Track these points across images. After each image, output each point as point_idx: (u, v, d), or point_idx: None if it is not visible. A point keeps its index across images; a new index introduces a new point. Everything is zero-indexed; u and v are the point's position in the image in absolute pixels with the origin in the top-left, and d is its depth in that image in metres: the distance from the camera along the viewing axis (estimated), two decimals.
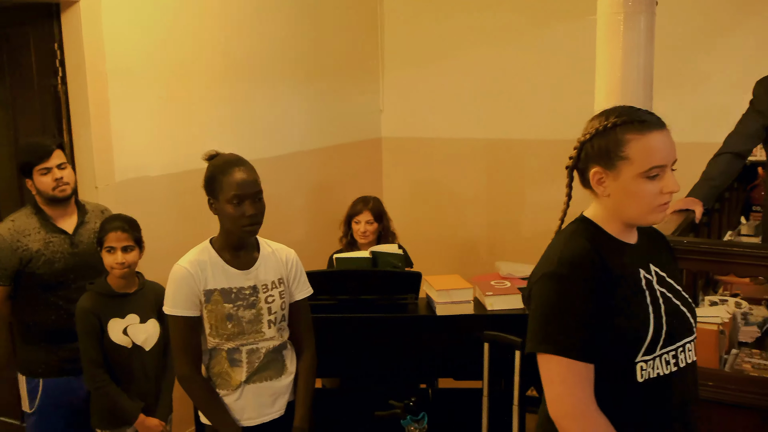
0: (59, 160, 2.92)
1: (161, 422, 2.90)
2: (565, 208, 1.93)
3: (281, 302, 2.47)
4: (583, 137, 1.80)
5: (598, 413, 1.68)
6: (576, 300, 1.68)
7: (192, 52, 3.91)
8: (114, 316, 2.83)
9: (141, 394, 2.88)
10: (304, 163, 4.80)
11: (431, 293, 3.31)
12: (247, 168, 2.38)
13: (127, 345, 2.84)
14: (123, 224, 2.82)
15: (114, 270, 2.81)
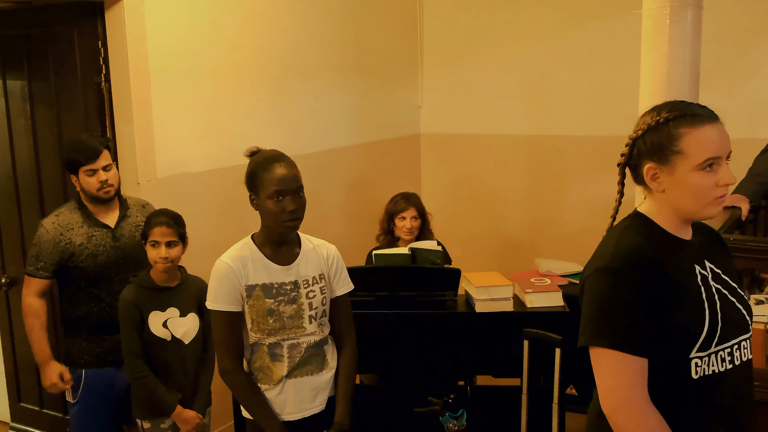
0: (105, 162, 2.97)
1: (198, 415, 2.94)
2: (617, 204, 1.93)
3: (322, 298, 2.48)
4: (634, 133, 1.79)
5: (650, 408, 1.67)
6: (629, 294, 1.67)
7: (234, 48, 3.94)
8: (155, 308, 2.88)
9: (179, 387, 2.92)
10: (343, 159, 4.80)
11: (470, 290, 3.30)
12: (288, 164, 2.39)
13: (167, 338, 2.88)
14: (168, 219, 2.86)
15: (157, 264, 2.85)
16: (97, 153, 2.93)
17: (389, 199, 4.02)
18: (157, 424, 2.93)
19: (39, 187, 3.79)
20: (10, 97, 3.79)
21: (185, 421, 2.91)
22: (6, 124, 3.83)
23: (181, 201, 3.44)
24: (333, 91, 4.69)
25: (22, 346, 4.11)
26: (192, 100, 3.74)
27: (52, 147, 3.69)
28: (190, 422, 2.92)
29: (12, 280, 4.00)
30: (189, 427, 2.92)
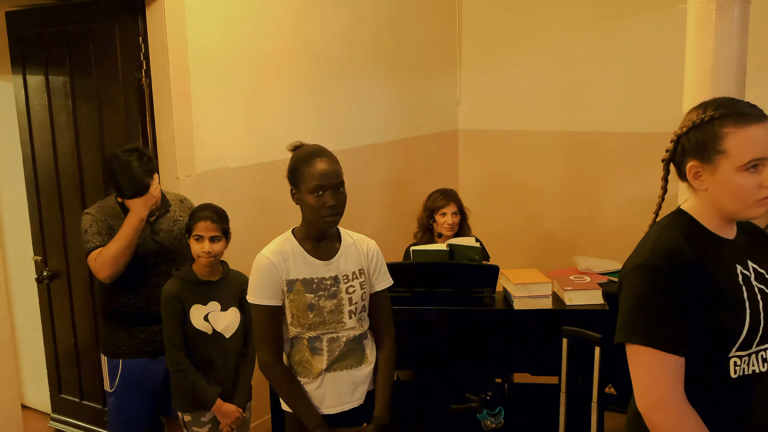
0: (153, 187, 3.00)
1: (238, 409, 2.95)
2: (660, 201, 1.91)
3: (362, 293, 2.48)
4: (679, 130, 1.77)
5: (686, 407, 1.65)
6: (667, 292, 1.65)
7: (273, 44, 3.96)
8: (196, 302, 2.89)
9: (219, 381, 2.93)
10: (381, 155, 4.81)
11: (509, 287, 3.28)
12: (329, 159, 2.39)
13: (208, 331, 2.90)
14: (213, 214, 2.88)
15: (200, 259, 2.87)
16: (145, 189, 2.96)
17: (426, 195, 4.01)
18: (198, 417, 2.95)
19: (80, 183, 3.84)
20: (53, 94, 3.84)
21: (225, 415, 2.92)
22: (48, 120, 3.88)
23: (219, 196, 3.46)
24: (371, 87, 4.69)
25: (63, 338, 4.18)
26: (231, 95, 3.77)
27: (93, 143, 3.73)
28: (230, 416, 2.93)
29: (54, 273, 4.07)
30: (229, 420, 2.93)
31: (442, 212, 3.83)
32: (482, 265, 3.46)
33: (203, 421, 2.96)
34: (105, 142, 3.69)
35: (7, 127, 4.12)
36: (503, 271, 3.33)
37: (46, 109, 3.88)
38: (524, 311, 3.20)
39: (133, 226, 2.91)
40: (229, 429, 2.95)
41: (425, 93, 5.20)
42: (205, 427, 2.96)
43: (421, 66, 5.13)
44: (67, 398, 4.27)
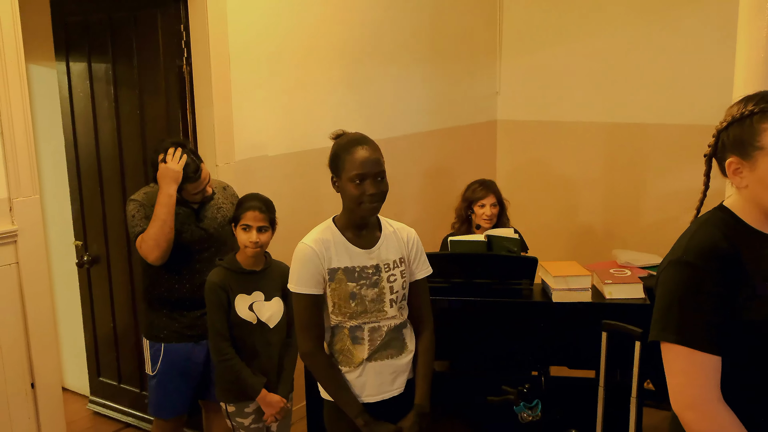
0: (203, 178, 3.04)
1: (283, 399, 2.95)
2: (701, 197, 1.88)
3: (402, 281, 2.47)
4: (720, 125, 1.73)
5: (721, 406, 1.62)
6: (702, 289, 1.63)
7: (313, 33, 3.96)
8: (241, 291, 2.89)
9: (263, 371, 2.93)
10: (419, 144, 4.79)
11: (547, 279, 3.25)
12: (371, 147, 2.38)
13: (252, 321, 2.90)
14: (261, 204, 2.88)
15: (247, 249, 2.87)
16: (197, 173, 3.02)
17: (464, 185, 3.98)
18: (242, 407, 2.95)
19: (121, 169, 3.88)
20: (95, 80, 3.88)
21: (270, 405, 2.92)
22: (90, 107, 3.93)
23: (258, 184, 3.48)
24: (411, 77, 4.68)
25: (103, 321, 4.24)
26: (271, 83, 3.77)
27: (134, 129, 3.77)
28: (275, 406, 2.93)
29: (94, 258, 4.12)
30: (273, 411, 2.93)
31: (481, 203, 3.80)
32: (521, 256, 3.43)
33: (247, 412, 2.96)
34: (146, 129, 3.72)
35: (50, 114, 4.17)
36: (542, 263, 3.30)
37: (88, 95, 3.92)
38: (563, 304, 3.17)
39: (163, 203, 2.92)
40: (273, 419, 2.95)
41: (465, 83, 5.16)
42: (249, 417, 2.96)
43: (461, 56, 5.10)
44: (106, 381, 4.33)
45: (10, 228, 2.95)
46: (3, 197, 2.93)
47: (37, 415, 3.13)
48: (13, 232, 2.96)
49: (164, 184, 2.95)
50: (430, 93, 4.84)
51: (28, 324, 3.06)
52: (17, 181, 2.94)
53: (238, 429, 2.98)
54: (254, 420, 2.97)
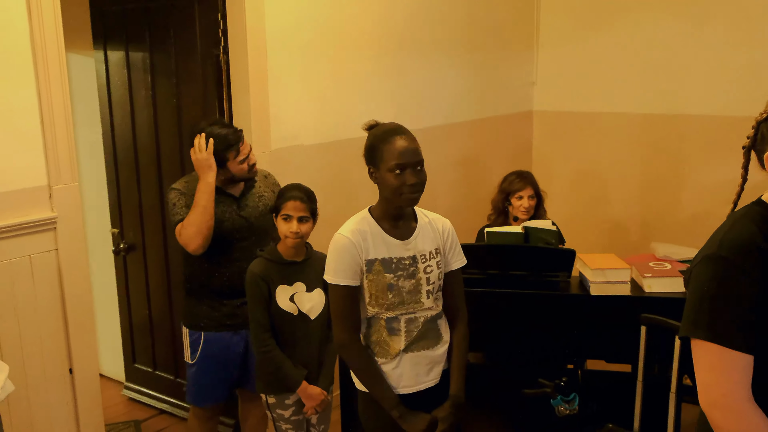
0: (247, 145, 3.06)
1: (323, 391, 2.92)
2: (739, 190, 1.81)
3: (438, 272, 2.45)
4: (760, 116, 1.68)
5: (750, 406, 1.58)
6: (734, 286, 1.58)
7: (349, 23, 3.95)
8: (282, 282, 2.87)
9: (304, 362, 2.90)
10: (454, 135, 4.76)
11: (585, 272, 3.21)
12: (409, 137, 2.36)
13: (293, 312, 2.87)
14: (302, 195, 2.86)
15: (287, 239, 2.85)
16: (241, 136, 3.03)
17: (499, 176, 3.95)
18: (282, 399, 2.93)
19: (157, 157, 3.90)
20: (132, 69, 3.91)
21: (310, 397, 2.90)
22: (128, 95, 3.95)
23: (293, 173, 3.48)
24: (446, 66, 4.65)
25: (138, 308, 4.28)
26: (307, 73, 3.77)
27: (170, 118, 3.79)
28: (315, 398, 2.90)
29: (130, 245, 4.16)
30: (314, 403, 2.91)
31: (518, 195, 3.76)
32: (558, 248, 3.39)
33: (287, 404, 2.94)
34: (182, 117, 3.74)
35: (87, 102, 4.20)
36: (580, 256, 3.27)
37: (125, 84, 3.95)
38: (601, 297, 3.13)
39: (202, 190, 2.93)
40: (313, 411, 2.93)
41: (501, 73, 5.12)
42: (289, 409, 2.95)
43: (497, 45, 5.05)
44: (141, 368, 4.37)
45: (50, 215, 2.98)
46: (43, 184, 2.96)
47: (75, 401, 3.17)
48: (53, 219, 2.99)
49: (201, 174, 2.97)
50: (465, 83, 4.80)
51: (66, 310, 3.09)
52: (57, 168, 2.97)
53: (278, 420, 2.97)
54: (294, 412, 2.95)
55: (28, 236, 2.93)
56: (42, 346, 3.03)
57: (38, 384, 3.03)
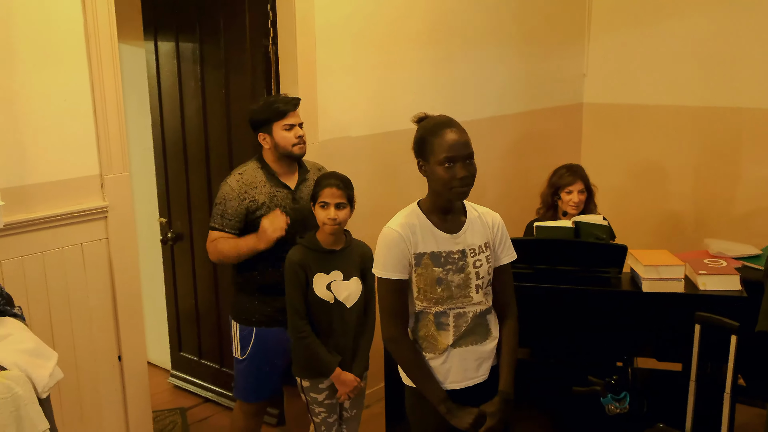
0: (300, 119, 3.03)
1: (356, 378, 2.95)
2: None
3: (488, 267, 2.42)
4: None
5: None
6: None
7: (398, 14, 3.93)
8: (319, 270, 2.89)
9: (339, 349, 2.93)
10: (502, 127, 4.71)
11: (637, 268, 3.14)
12: (459, 129, 2.33)
13: (330, 300, 2.90)
14: (338, 182, 2.87)
15: (325, 226, 2.86)
16: (295, 103, 3.00)
17: (547, 169, 3.89)
18: (316, 384, 2.97)
19: (206, 147, 3.92)
20: (182, 60, 3.93)
21: (343, 383, 2.93)
22: (177, 86, 3.98)
23: (340, 164, 3.46)
24: (495, 58, 4.60)
25: (185, 297, 4.31)
26: (356, 64, 3.76)
27: (219, 108, 3.80)
28: (348, 385, 2.93)
29: (177, 235, 4.19)
30: (347, 389, 2.94)
31: (568, 190, 3.69)
32: (610, 244, 3.33)
33: (321, 388, 2.97)
34: (231, 108, 3.75)
35: (138, 93, 4.24)
36: (632, 252, 3.20)
37: (175, 75, 3.97)
38: (653, 294, 3.06)
39: (249, 246, 2.97)
40: (346, 397, 2.96)
41: (550, 64, 5.05)
42: (323, 393, 2.98)
43: (547, 36, 4.98)
44: (187, 356, 4.41)
45: (101, 204, 3.01)
46: (95, 174, 2.99)
47: (123, 388, 3.21)
48: (104, 208, 3.02)
49: (258, 240, 2.96)
50: (515, 74, 4.75)
51: (116, 298, 3.13)
52: (108, 158, 3.00)
53: (312, 404, 3.01)
54: (328, 396, 2.98)
55: (80, 225, 2.97)
56: (92, 334, 3.07)
57: (88, 371, 3.07)
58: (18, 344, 2.32)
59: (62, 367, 2.38)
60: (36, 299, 2.85)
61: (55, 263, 2.91)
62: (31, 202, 2.81)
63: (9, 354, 2.27)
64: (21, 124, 2.74)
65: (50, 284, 2.90)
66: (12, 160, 2.74)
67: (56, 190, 2.87)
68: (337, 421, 3.04)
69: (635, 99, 5.10)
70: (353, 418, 3.08)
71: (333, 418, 3.02)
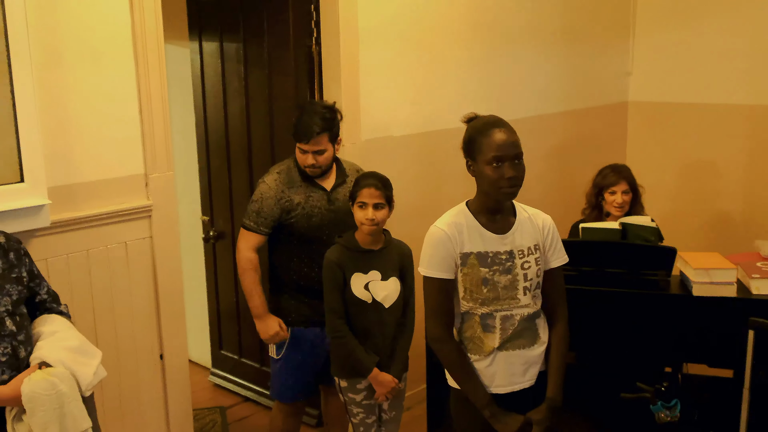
0: (317, 147, 2.97)
1: (394, 379, 2.92)
2: None
3: (537, 269, 2.38)
4: None
5: None
6: None
7: (441, 13, 3.91)
8: (357, 270, 2.88)
9: (377, 350, 2.92)
10: (545, 126, 4.66)
11: (687, 271, 3.07)
12: (508, 129, 2.30)
13: (367, 300, 2.88)
14: (377, 182, 2.85)
15: (363, 226, 2.85)
16: (310, 136, 2.95)
17: (591, 169, 3.82)
18: (354, 384, 2.96)
19: (248, 147, 3.93)
20: (226, 59, 3.95)
21: (381, 384, 2.91)
22: (221, 85, 4.00)
23: (383, 164, 3.44)
24: (537, 57, 4.55)
25: (226, 296, 4.32)
26: (398, 64, 3.75)
27: (262, 108, 3.81)
28: (386, 385, 2.91)
29: (219, 233, 4.21)
30: (384, 390, 2.91)
31: (612, 190, 3.62)
32: (659, 246, 3.25)
33: (359, 389, 2.96)
34: (273, 107, 3.76)
35: (182, 92, 4.27)
36: (681, 254, 3.12)
37: (219, 74, 3.99)
38: (704, 298, 2.98)
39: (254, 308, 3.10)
40: (383, 398, 2.94)
41: (594, 63, 4.98)
42: (360, 394, 2.96)
43: (591, 34, 4.90)
44: (227, 354, 4.43)
45: (146, 203, 3.02)
46: (140, 173, 3.00)
47: (165, 386, 3.22)
48: (148, 207, 3.03)
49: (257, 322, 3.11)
50: (557, 73, 4.69)
51: (159, 297, 3.14)
52: (153, 157, 3.01)
53: (350, 404, 2.99)
54: (365, 396, 2.97)
55: (124, 223, 2.98)
56: (134, 332, 3.08)
57: (130, 369, 3.08)
58: (63, 342, 2.34)
59: (105, 366, 2.39)
60: (80, 297, 2.87)
61: (99, 261, 2.92)
62: (77, 200, 2.83)
63: (54, 351, 2.29)
64: (68, 124, 2.77)
65: (94, 282, 2.92)
66: (59, 160, 2.76)
67: (102, 189, 2.89)
68: (375, 423, 3.02)
69: (682, 97, 5.00)
70: (392, 420, 3.06)
71: (371, 419, 3.00)
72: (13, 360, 2.25)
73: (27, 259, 2.44)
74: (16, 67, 2.54)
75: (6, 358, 2.24)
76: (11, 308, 2.29)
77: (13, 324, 2.28)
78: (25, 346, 2.30)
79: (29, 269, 2.43)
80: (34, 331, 2.38)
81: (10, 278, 2.34)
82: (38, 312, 2.46)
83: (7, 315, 2.27)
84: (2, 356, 2.23)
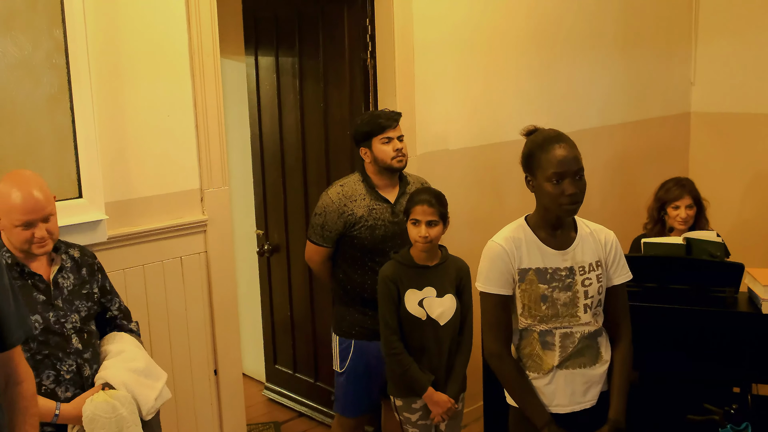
0: (401, 133, 3.00)
1: (451, 399, 2.85)
2: None
3: (598, 286, 2.31)
4: None
5: None
6: None
7: (497, 24, 3.87)
8: (412, 286, 2.83)
9: (432, 368, 2.85)
10: (605, 138, 4.56)
11: (756, 288, 2.94)
12: (569, 144, 2.24)
13: (422, 317, 2.82)
14: (431, 198, 2.81)
15: (417, 243, 2.81)
16: (395, 120, 2.98)
17: (652, 182, 3.72)
18: (409, 403, 2.90)
19: (303, 160, 3.93)
20: (282, 74, 3.96)
21: (437, 404, 2.84)
22: (276, 99, 4.01)
23: (439, 178, 3.42)
24: (597, 66, 4.47)
25: (280, 309, 4.32)
26: (454, 78, 3.71)
27: (317, 121, 3.81)
28: (442, 405, 2.84)
29: (274, 247, 4.21)
30: (440, 410, 2.84)
31: (675, 205, 3.51)
32: (725, 262, 3.13)
33: (414, 408, 2.90)
34: (329, 121, 3.75)
35: (237, 106, 4.30)
36: (749, 270, 3.00)
37: (274, 88, 4.01)
38: None
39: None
40: (440, 419, 2.87)
41: (655, 72, 4.86)
42: (416, 413, 2.90)
43: (652, 43, 4.79)
44: (281, 369, 4.42)
45: (201, 218, 3.04)
46: (195, 188, 3.02)
47: (219, 402, 3.21)
48: (203, 221, 3.04)
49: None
50: (617, 83, 4.60)
51: (213, 312, 3.14)
52: (209, 172, 3.02)
53: (405, 423, 2.94)
54: (421, 416, 2.90)
55: (180, 238, 3.00)
56: (189, 347, 3.08)
57: (185, 384, 3.08)
58: (129, 362, 2.35)
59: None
60: (136, 312, 2.88)
61: (155, 276, 2.94)
62: (133, 215, 2.85)
63: (119, 372, 2.30)
64: (126, 140, 2.79)
65: (150, 297, 2.94)
66: (117, 175, 2.79)
67: (158, 204, 2.91)
68: None
69: (747, 107, 4.85)
70: None
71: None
72: (77, 378, 2.27)
73: (100, 275, 2.46)
74: (75, 85, 2.58)
75: (71, 375, 2.26)
76: (79, 325, 2.32)
77: (80, 342, 2.30)
78: (90, 364, 2.31)
79: (101, 285, 2.45)
80: (102, 349, 2.40)
81: (80, 294, 2.36)
82: (108, 328, 2.48)
83: (74, 332, 2.29)
84: (67, 374, 2.26)
